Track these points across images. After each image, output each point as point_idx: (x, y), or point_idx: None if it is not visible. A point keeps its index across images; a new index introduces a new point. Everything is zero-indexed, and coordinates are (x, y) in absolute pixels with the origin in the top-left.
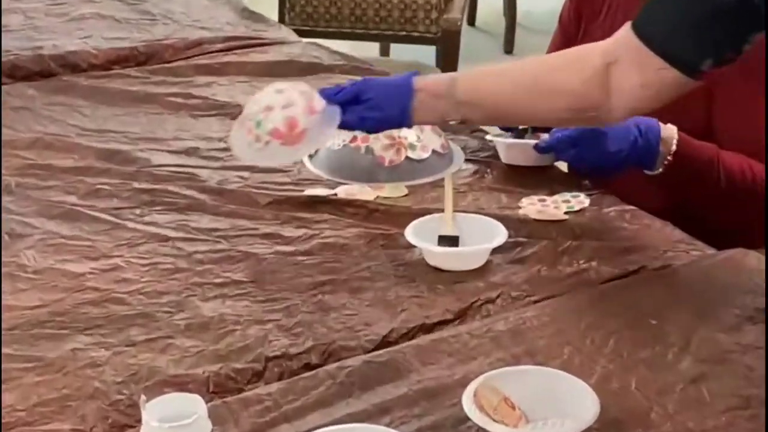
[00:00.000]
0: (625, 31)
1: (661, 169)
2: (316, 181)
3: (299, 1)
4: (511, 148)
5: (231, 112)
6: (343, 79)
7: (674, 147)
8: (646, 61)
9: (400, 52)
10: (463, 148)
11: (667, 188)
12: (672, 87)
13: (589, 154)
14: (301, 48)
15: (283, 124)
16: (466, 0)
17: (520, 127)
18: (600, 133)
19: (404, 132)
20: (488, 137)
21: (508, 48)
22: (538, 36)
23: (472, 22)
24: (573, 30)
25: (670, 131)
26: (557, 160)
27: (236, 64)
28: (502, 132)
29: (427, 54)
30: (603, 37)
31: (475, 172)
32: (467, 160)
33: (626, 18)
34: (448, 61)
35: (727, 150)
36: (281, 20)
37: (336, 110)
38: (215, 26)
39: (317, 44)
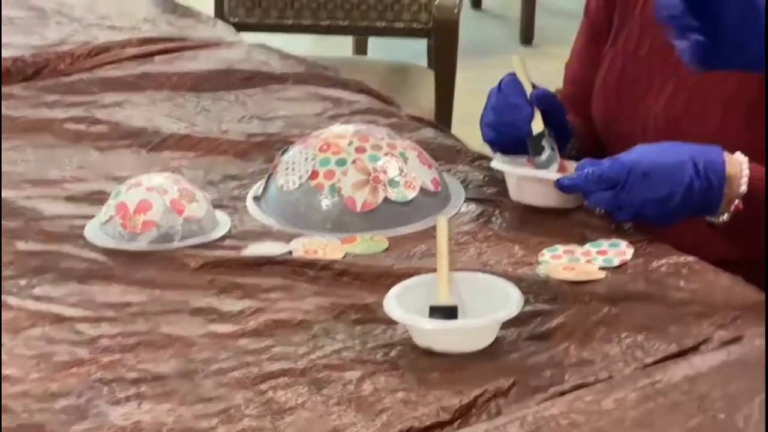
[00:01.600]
0: None
1: (726, 217)
2: (264, 233)
3: None
4: (523, 183)
5: (149, 140)
6: (299, 92)
7: (744, 187)
8: None
9: (380, 47)
10: (463, 183)
11: (737, 238)
12: None
13: (628, 199)
14: (243, 51)
15: None
16: None
17: (534, 132)
18: (644, 170)
19: (382, 162)
20: (493, 163)
21: (527, 36)
22: (562, 19)
23: (477, 3)
24: (603, 24)
25: (737, 166)
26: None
27: (156, 75)
28: (510, 156)
29: (416, 49)
30: (641, 33)
31: (480, 216)
32: (468, 200)
33: None
34: (443, 59)
35: None
36: (218, 13)
37: None
38: (128, 25)
39: (265, 46)
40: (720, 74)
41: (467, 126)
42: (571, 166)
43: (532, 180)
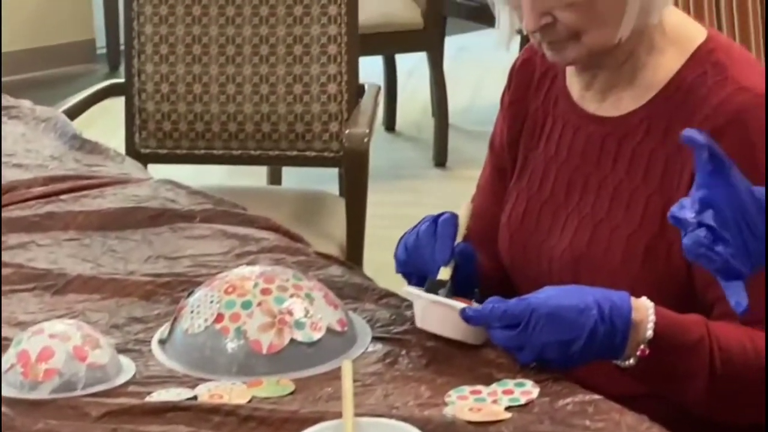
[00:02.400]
0: None
1: (632, 361)
2: (168, 379)
3: (153, 116)
4: (430, 310)
5: (53, 283)
6: (206, 230)
7: (649, 332)
8: None
9: (295, 173)
10: (370, 322)
11: (644, 378)
12: None
13: (530, 340)
14: (150, 188)
15: None
16: (376, 105)
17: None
18: (548, 312)
19: (288, 304)
20: (406, 288)
21: (440, 159)
22: (475, 142)
23: (391, 126)
24: (508, 161)
25: (644, 311)
26: None
27: (62, 215)
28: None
29: (330, 175)
30: (545, 170)
31: (386, 356)
32: (375, 339)
33: (573, 144)
34: (353, 187)
35: (715, 317)
36: (129, 144)
37: None
38: (35, 162)
39: (172, 182)
40: (622, 211)
41: (379, 251)
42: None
43: (438, 307)
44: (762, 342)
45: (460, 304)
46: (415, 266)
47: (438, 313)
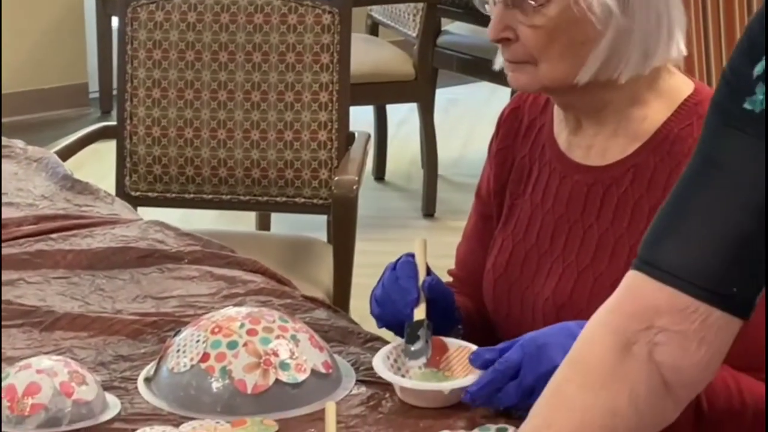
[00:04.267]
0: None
1: None
2: (153, 417)
3: (144, 159)
4: (408, 393)
5: (41, 320)
6: (194, 271)
7: None
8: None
9: (283, 219)
10: (354, 365)
11: None
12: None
13: (529, 377)
14: (139, 229)
15: None
16: (365, 154)
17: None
18: (539, 344)
19: (273, 345)
20: (374, 363)
21: (429, 209)
22: (464, 193)
23: (381, 175)
24: (494, 207)
25: None
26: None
27: (52, 253)
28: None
29: (319, 221)
30: (532, 216)
31: (370, 398)
32: (360, 381)
33: (559, 192)
34: (341, 234)
35: None
36: (120, 186)
37: None
38: (25, 201)
39: (161, 223)
40: (606, 260)
41: (364, 299)
42: (450, 343)
43: (413, 392)
44: (746, 381)
45: (443, 385)
46: (391, 317)
47: (417, 394)
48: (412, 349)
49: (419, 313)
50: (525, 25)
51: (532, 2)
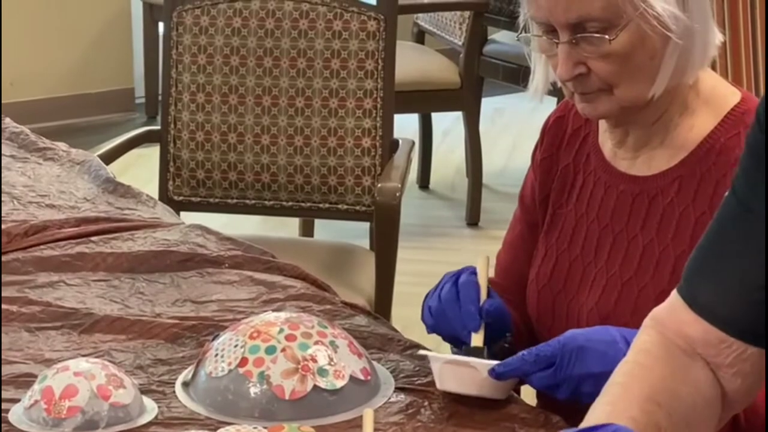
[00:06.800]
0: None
1: None
2: (190, 421)
3: (187, 163)
4: (447, 370)
5: (80, 323)
6: (234, 276)
7: None
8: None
9: (327, 225)
10: (393, 372)
11: None
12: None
13: (567, 375)
14: (180, 233)
15: None
16: (409, 161)
17: (472, 345)
18: (579, 345)
19: (312, 351)
20: (421, 351)
21: (473, 218)
22: (508, 202)
23: (425, 184)
24: (538, 216)
25: None
26: (520, 385)
27: (92, 256)
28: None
29: (362, 228)
30: (576, 226)
31: (409, 406)
32: (398, 389)
33: (603, 202)
34: (384, 241)
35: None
36: (163, 191)
37: None
38: (67, 204)
39: (202, 227)
40: (651, 271)
41: (407, 307)
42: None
43: (456, 366)
44: None
45: (481, 361)
46: (445, 331)
47: (455, 372)
48: None
49: (477, 339)
50: (595, 56)
51: (607, 36)
